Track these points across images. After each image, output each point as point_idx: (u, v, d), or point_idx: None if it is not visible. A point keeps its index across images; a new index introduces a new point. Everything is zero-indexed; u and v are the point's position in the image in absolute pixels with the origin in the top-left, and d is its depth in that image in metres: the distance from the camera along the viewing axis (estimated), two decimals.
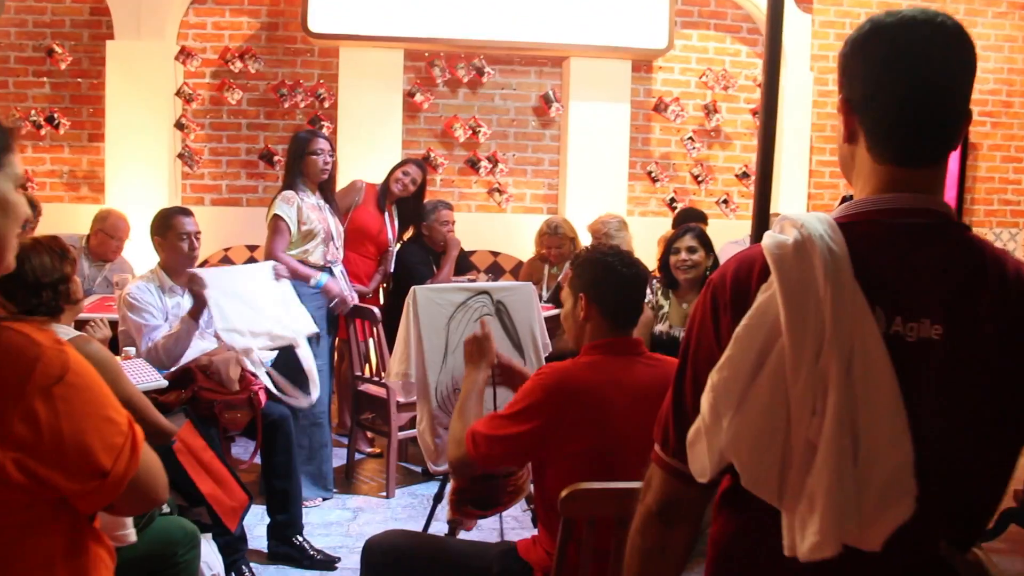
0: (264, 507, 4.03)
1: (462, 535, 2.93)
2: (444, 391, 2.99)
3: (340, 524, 4.45)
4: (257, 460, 3.93)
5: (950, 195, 7.56)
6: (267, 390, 4.02)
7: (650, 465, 1.48)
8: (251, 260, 6.59)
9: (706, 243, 4.32)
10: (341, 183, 5.48)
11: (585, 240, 6.08)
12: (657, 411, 2.17)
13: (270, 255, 4.59)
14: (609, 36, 6.56)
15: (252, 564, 3.82)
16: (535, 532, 2.60)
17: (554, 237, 5.90)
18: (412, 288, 2.97)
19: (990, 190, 7.93)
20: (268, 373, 4.09)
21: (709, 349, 1.35)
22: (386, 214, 5.46)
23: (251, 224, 6.46)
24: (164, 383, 3.53)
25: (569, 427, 2.33)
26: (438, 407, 2.96)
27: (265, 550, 4.02)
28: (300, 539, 3.98)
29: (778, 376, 1.25)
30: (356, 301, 4.93)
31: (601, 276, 2.51)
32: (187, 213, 4.12)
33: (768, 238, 1.31)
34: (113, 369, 2.62)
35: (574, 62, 6.71)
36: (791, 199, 7.06)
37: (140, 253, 5.51)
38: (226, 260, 6.55)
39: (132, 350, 3.78)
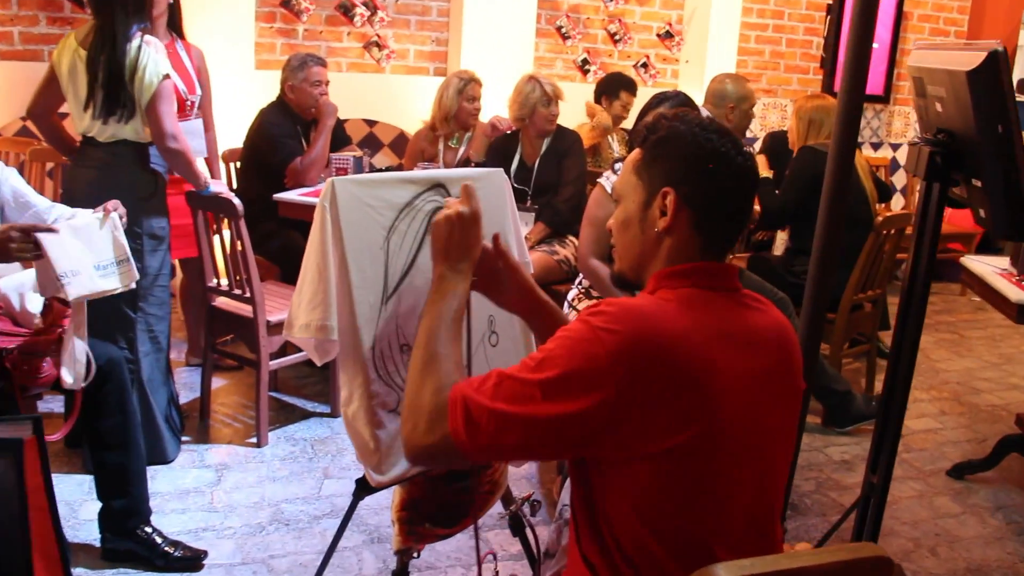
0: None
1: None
2: (385, 350, 1.86)
3: (200, 492, 3.29)
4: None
5: (880, 68, 6.80)
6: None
7: None
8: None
9: None
10: None
11: (493, 108, 4.92)
12: (783, 382, 1.51)
13: (173, 137, 3.25)
14: None
15: (80, 570, 2.66)
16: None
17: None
18: (329, 181, 1.80)
19: None
20: None
21: None
22: (181, 49, 3.93)
23: None
24: None
25: (657, 410, 1.33)
26: (378, 377, 1.83)
27: (97, 545, 2.84)
28: (148, 530, 2.81)
29: None
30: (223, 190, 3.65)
31: (705, 165, 1.50)
32: None
33: None
34: None
35: None
36: (720, 66, 6.06)
37: None
38: (24, 132, 5.03)
39: None
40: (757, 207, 4.83)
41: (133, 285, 2.77)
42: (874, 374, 4.58)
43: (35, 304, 2.70)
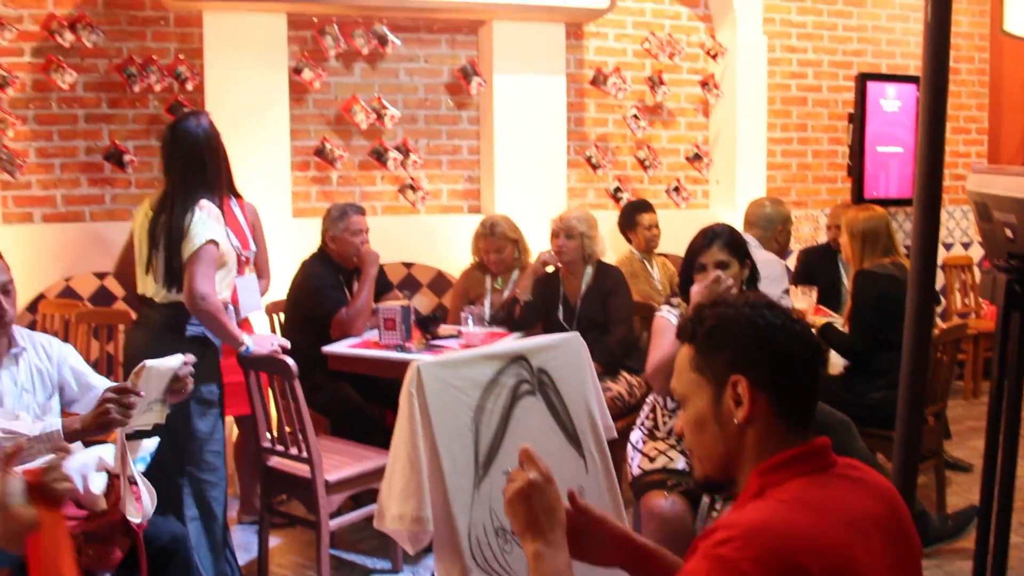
0: None
1: None
2: (480, 536, 1.79)
3: None
4: None
5: (905, 171, 6.83)
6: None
7: None
8: (102, 291, 5.13)
9: (739, 251, 3.23)
10: None
11: (535, 243, 4.93)
12: (906, 550, 1.43)
13: (202, 298, 3.19)
14: None
15: None
16: None
17: (492, 239, 4.75)
18: (413, 365, 1.76)
19: None
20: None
21: None
22: (235, 206, 3.99)
23: (98, 245, 5.00)
24: None
25: None
26: (476, 566, 1.76)
27: None
28: None
29: None
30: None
31: (767, 343, 1.47)
32: None
33: None
34: None
35: (497, 27, 5.51)
36: (751, 183, 6.10)
37: None
38: (68, 293, 5.07)
39: None
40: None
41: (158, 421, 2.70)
42: (944, 489, 4.43)
43: (98, 485, 2.64)
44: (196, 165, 3.33)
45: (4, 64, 4.90)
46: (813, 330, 4.21)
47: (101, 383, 2.82)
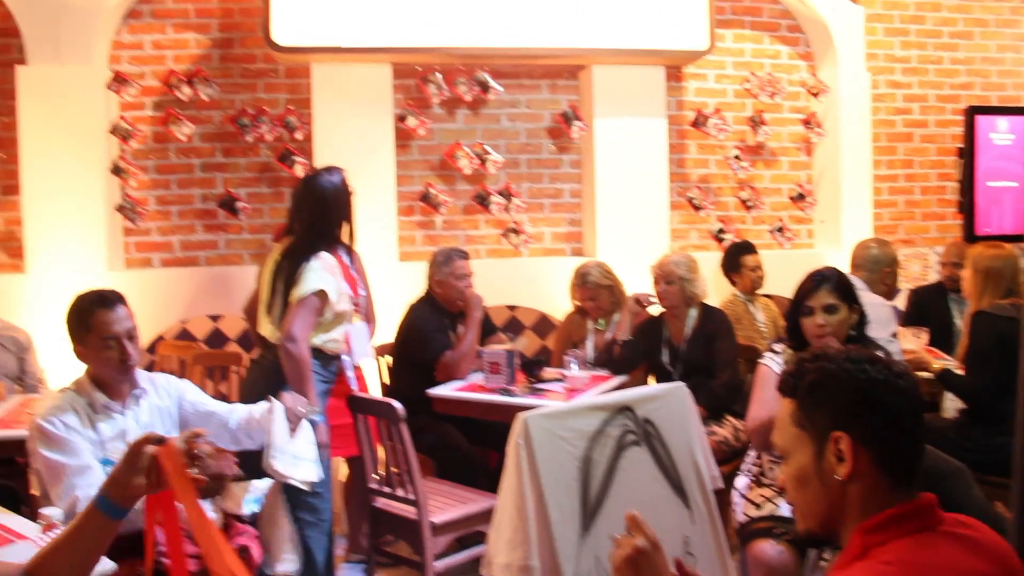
0: None
1: None
2: None
3: None
4: None
5: (1019, 206, 6.61)
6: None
7: None
8: (215, 333, 5.33)
9: (848, 295, 3.18)
10: None
11: (634, 286, 4.92)
12: None
13: (293, 340, 3.29)
14: (637, 38, 5.43)
15: None
16: None
17: (585, 288, 4.76)
18: (520, 416, 1.79)
19: None
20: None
21: None
22: (344, 254, 3.89)
23: (212, 288, 5.22)
24: (110, 565, 2.30)
25: None
26: None
27: None
28: None
29: None
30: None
31: (869, 399, 1.45)
32: (111, 303, 2.73)
33: None
34: None
35: (597, 71, 5.57)
36: (856, 222, 5.99)
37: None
38: (184, 335, 5.28)
39: (54, 514, 2.49)
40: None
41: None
42: None
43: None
44: (321, 218, 3.52)
45: (128, 118, 5.18)
46: (930, 375, 4.09)
47: (221, 407, 2.95)
